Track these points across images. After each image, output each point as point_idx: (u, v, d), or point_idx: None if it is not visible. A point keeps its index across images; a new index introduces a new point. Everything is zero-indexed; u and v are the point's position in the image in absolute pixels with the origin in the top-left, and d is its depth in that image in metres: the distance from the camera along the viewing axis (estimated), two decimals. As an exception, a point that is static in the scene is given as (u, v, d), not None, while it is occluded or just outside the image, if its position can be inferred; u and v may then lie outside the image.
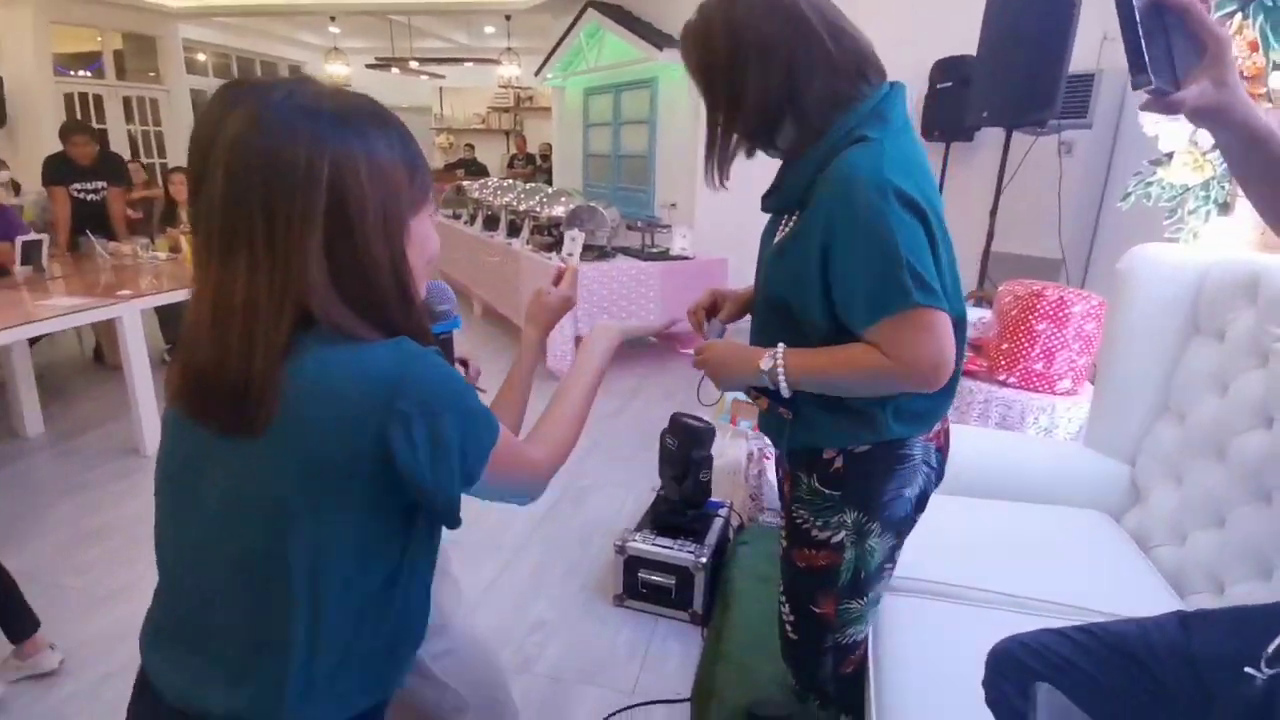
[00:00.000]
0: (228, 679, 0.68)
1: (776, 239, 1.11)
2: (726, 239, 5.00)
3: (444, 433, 0.66)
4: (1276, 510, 1.21)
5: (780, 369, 1.04)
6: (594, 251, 4.34)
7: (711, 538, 2.14)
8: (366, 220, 0.65)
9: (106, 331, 4.01)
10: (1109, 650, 0.76)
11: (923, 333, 0.93)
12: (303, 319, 0.64)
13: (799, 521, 1.17)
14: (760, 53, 0.97)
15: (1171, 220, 2.36)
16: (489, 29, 8.73)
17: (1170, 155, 2.32)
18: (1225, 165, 0.72)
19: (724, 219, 5.20)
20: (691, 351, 1.17)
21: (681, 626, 2.07)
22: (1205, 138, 2.18)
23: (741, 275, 4.99)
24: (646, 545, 2.09)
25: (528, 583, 2.29)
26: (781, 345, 1.06)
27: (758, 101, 1.00)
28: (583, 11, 5.97)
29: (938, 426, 1.12)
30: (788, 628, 1.26)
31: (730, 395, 3.29)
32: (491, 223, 5.42)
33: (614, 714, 1.74)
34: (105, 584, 2.21)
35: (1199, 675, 0.73)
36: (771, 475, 2.31)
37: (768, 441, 2.38)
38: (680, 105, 5.37)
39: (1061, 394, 2.21)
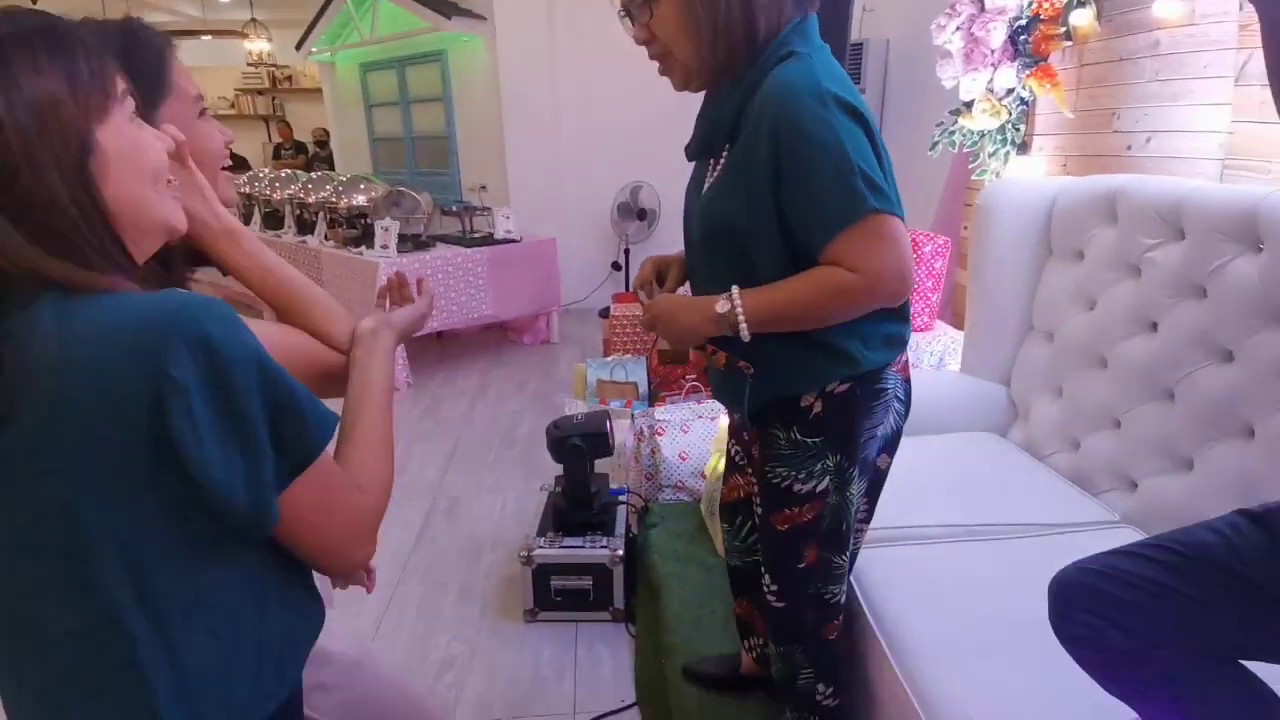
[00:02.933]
0: None
1: (710, 181, 1.06)
2: (551, 218, 4.79)
3: (243, 408, 0.55)
4: (1181, 405, 1.33)
5: (739, 309, 0.97)
6: (410, 242, 3.92)
7: (619, 527, 2.00)
8: (31, 152, 0.54)
9: None
10: (1196, 563, 0.74)
11: (883, 240, 0.91)
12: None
13: (776, 480, 1.08)
14: None
15: (975, 164, 2.60)
16: (224, -1, 7.61)
17: (970, 104, 2.55)
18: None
19: (543, 197, 4.97)
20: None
21: (603, 627, 1.92)
22: (1001, 85, 2.41)
23: (573, 252, 4.86)
24: (555, 550, 1.90)
25: (419, 618, 1.99)
26: (735, 287, 0.99)
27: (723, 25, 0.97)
28: (347, -23, 5.33)
29: (903, 356, 1.09)
30: (770, 598, 1.18)
31: (594, 376, 3.16)
32: (273, 220, 4.73)
33: (562, 743, 1.56)
34: None
35: None
36: (667, 451, 2.22)
37: (657, 418, 2.31)
38: (478, 79, 5.01)
39: (919, 329, 2.35)
